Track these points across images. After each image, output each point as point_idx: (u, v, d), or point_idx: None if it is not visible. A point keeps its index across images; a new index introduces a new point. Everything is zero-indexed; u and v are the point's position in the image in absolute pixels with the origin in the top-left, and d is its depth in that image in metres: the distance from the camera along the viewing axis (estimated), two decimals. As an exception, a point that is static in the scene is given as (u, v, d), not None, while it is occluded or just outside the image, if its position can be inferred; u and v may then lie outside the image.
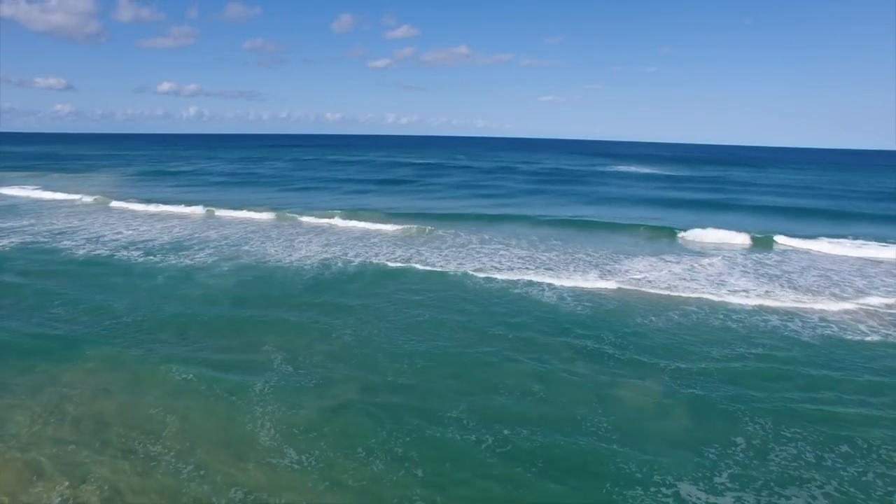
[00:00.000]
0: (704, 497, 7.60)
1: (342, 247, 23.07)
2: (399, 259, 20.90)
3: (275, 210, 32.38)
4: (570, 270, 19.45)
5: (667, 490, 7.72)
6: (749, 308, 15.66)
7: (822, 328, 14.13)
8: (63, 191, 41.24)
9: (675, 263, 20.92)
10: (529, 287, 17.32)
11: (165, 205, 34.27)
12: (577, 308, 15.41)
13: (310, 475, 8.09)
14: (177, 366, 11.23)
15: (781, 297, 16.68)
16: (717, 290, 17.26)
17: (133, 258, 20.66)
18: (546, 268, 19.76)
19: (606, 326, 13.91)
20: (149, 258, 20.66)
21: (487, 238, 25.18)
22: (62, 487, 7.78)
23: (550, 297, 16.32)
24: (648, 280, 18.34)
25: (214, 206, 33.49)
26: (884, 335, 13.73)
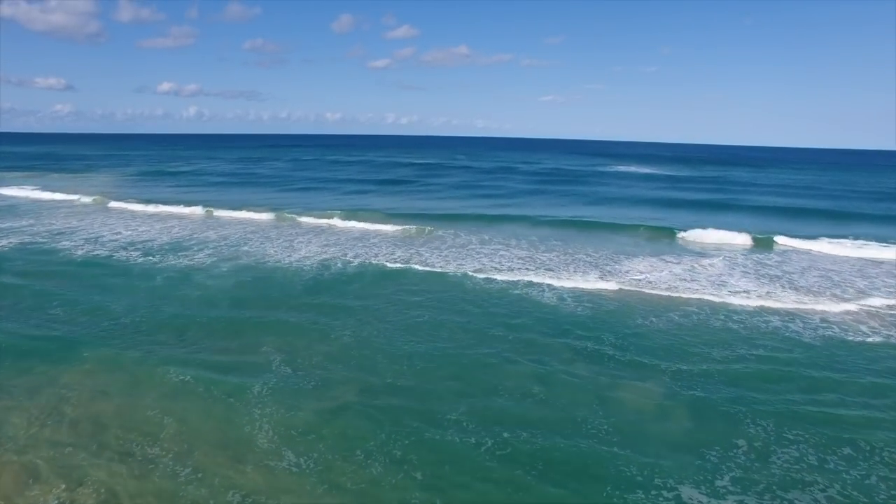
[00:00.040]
0: (706, 500, 7.54)
1: (341, 247, 23.02)
2: (399, 260, 20.85)
3: (274, 210, 32.34)
4: (571, 271, 19.40)
5: (668, 493, 7.66)
6: (750, 309, 15.61)
7: (824, 329, 14.07)
8: (62, 191, 41.21)
9: (676, 264, 20.87)
10: (529, 288, 17.26)
11: (165, 205, 34.22)
12: (578, 309, 15.36)
13: (308, 478, 8.05)
14: (175, 367, 11.18)
15: (782, 298, 16.62)
16: (718, 291, 17.21)
17: (132, 259, 20.61)
18: (546, 268, 19.71)
19: (607, 327, 13.85)
20: (147, 259, 20.61)
21: (487, 238, 25.13)
22: (59, 490, 7.73)
23: (550, 298, 16.26)
24: (649, 281, 18.29)
25: (214, 207, 33.46)
26: (885, 336, 13.67)
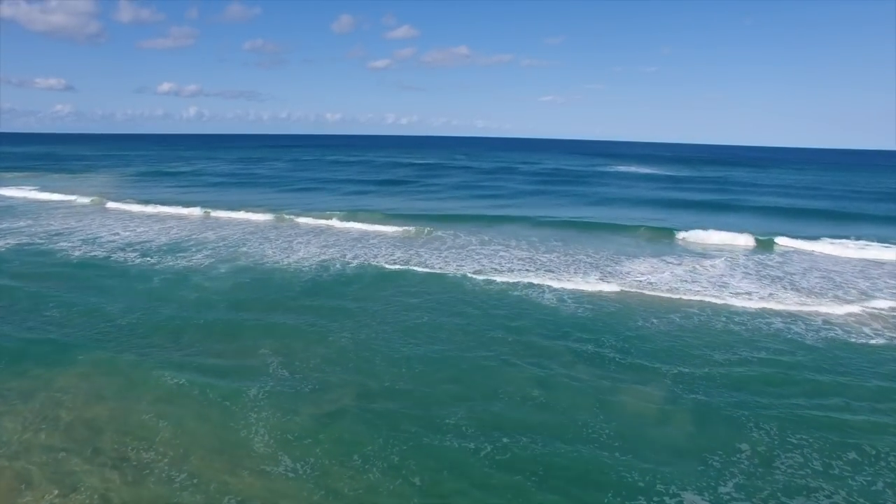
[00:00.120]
0: (709, 507, 7.42)
1: (340, 248, 22.89)
2: (398, 261, 20.73)
3: (273, 211, 32.21)
4: (571, 272, 19.27)
5: (670, 500, 7.53)
6: (752, 311, 15.48)
7: (827, 331, 13.95)
8: (61, 191, 41.09)
9: (677, 265, 20.74)
10: (529, 289, 17.14)
11: (164, 206, 34.10)
12: (578, 311, 15.23)
13: (305, 483, 7.94)
14: (171, 370, 11.07)
15: (784, 300, 16.49)
16: (720, 293, 17.08)
17: (129, 260, 20.48)
18: (546, 269, 19.58)
19: (608, 330, 13.73)
20: (145, 260, 20.49)
21: (487, 239, 25.01)
22: (52, 497, 7.61)
23: (551, 300, 16.13)
24: (650, 282, 18.16)
25: (213, 207, 33.36)
26: (889, 338, 13.54)
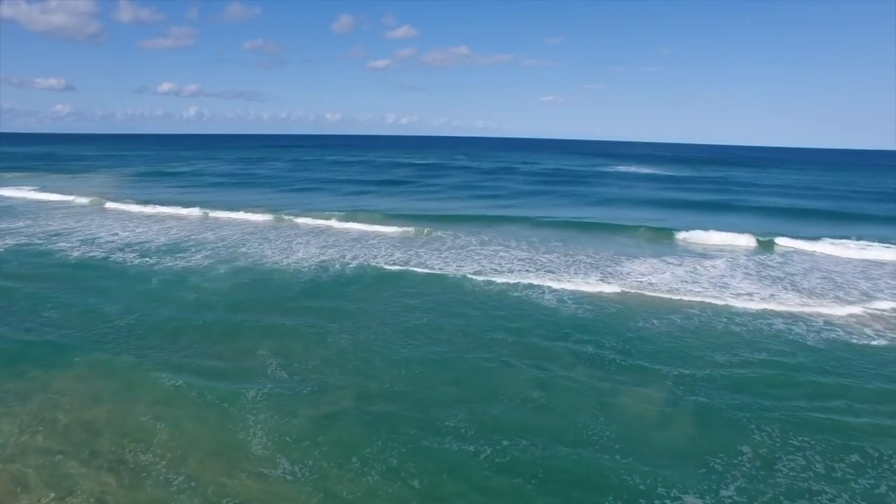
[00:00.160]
0: (710, 510, 7.36)
1: (340, 249, 22.83)
2: (397, 262, 20.66)
3: (273, 211, 32.15)
4: (571, 273, 19.21)
5: (671, 503, 7.47)
6: (753, 311, 15.42)
7: (828, 332, 13.88)
8: (61, 192, 41.03)
9: (678, 266, 20.68)
10: (529, 290, 17.07)
11: (163, 206, 34.04)
12: (578, 312, 15.17)
13: (303, 486, 7.88)
14: (169, 372, 11.00)
15: (785, 301, 16.43)
16: (721, 294, 17.02)
17: (128, 260, 20.42)
18: (546, 270, 19.52)
19: (608, 331, 13.66)
20: (144, 260, 20.43)
21: (487, 239, 24.95)
22: (48, 500, 7.56)
23: (551, 301, 16.07)
24: (650, 283, 18.09)
25: (212, 208, 33.29)
26: (891, 339, 13.47)
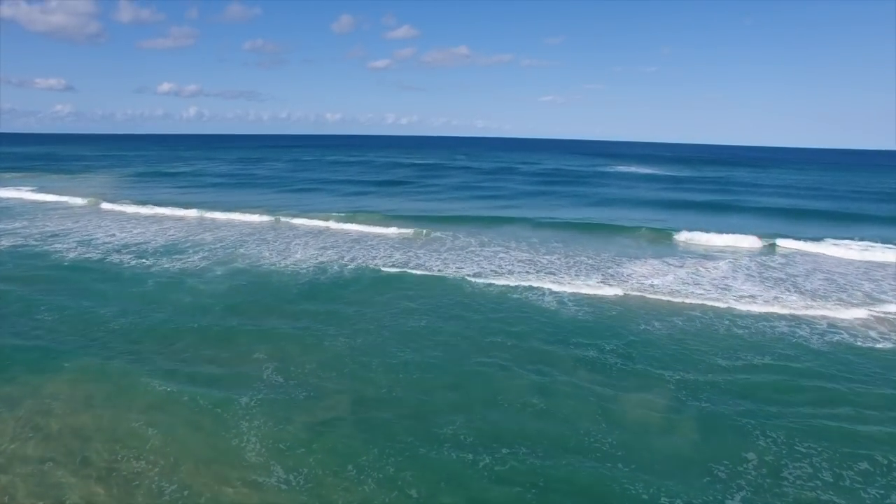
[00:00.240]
0: (715, 521, 7.16)
1: (338, 250, 22.63)
2: (396, 263, 20.46)
3: (272, 212, 31.95)
4: (572, 275, 19.01)
5: (675, 513, 7.28)
6: (756, 314, 15.22)
7: (832, 335, 13.68)
8: (59, 192, 40.83)
9: (679, 267, 20.48)
10: (529, 292, 16.87)
11: (161, 207, 33.83)
12: (579, 314, 14.97)
13: (298, 495, 7.70)
14: (162, 377, 10.81)
15: (788, 303, 16.23)
16: (723, 296, 16.82)
17: (124, 262, 20.22)
18: (547, 272, 19.32)
19: (609, 334, 13.46)
20: (140, 262, 20.22)
21: (487, 241, 24.75)
22: (35, 510, 7.36)
23: (551, 303, 15.87)
24: (652, 285, 17.89)
25: (211, 208, 33.10)
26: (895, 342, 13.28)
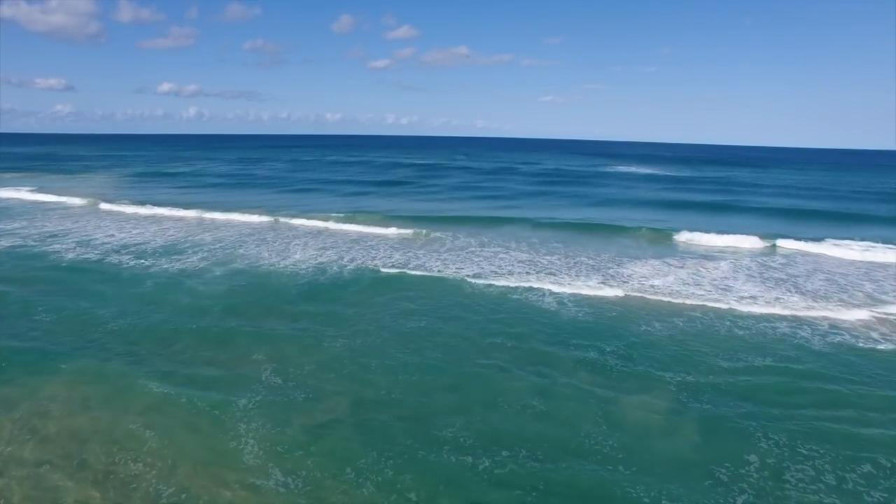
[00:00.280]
0: (717, 525, 7.09)
1: (338, 251, 22.56)
2: (396, 264, 20.39)
3: (271, 212, 31.88)
4: (572, 275, 18.94)
5: (676, 517, 7.22)
6: (757, 315, 15.15)
7: (834, 336, 13.62)
8: (58, 192, 40.76)
9: (679, 268, 20.41)
10: (529, 293, 16.80)
11: (161, 207, 33.76)
12: (579, 315, 14.90)
13: (296, 498, 7.64)
14: (160, 379, 10.75)
15: (790, 304, 16.16)
16: (724, 296, 16.75)
17: (123, 263, 20.15)
18: (547, 272, 19.25)
19: (610, 335, 13.39)
20: (139, 262, 20.16)
21: (487, 241, 24.68)
22: (31, 514, 7.30)
23: (551, 304, 15.80)
24: (652, 285, 17.83)
25: (211, 209, 33.02)
26: (898, 344, 13.20)
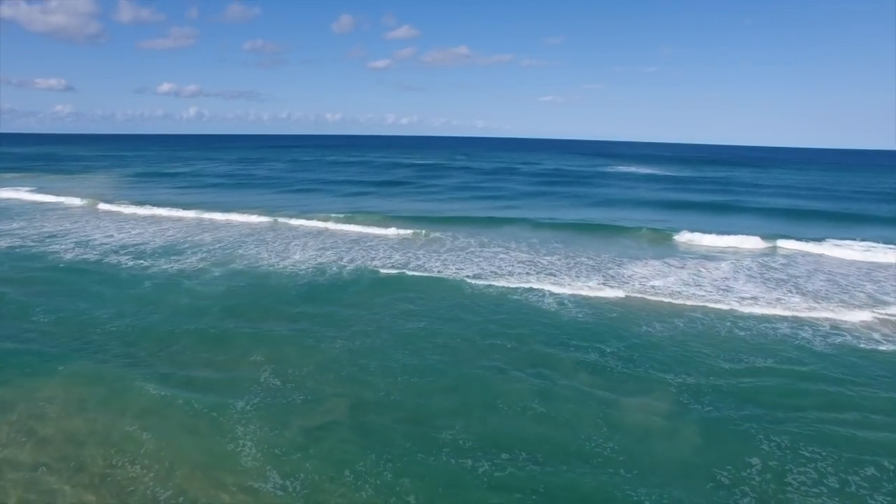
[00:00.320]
0: (719, 529, 7.03)
1: (338, 251, 22.50)
2: (395, 265, 20.33)
3: (271, 213, 31.82)
4: (572, 276, 18.88)
5: (678, 521, 7.15)
6: (758, 315, 15.09)
7: (836, 337, 13.56)
8: (58, 193, 40.70)
9: (680, 268, 20.34)
10: (530, 294, 16.74)
11: (160, 207, 33.71)
12: (580, 316, 14.84)
13: (294, 501, 7.59)
14: (158, 380, 10.68)
15: (791, 305, 16.09)
16: (725, 297, 16.69)
17: (122, 263, 20.09)
18: (547, 273, 19.19)
19: (610, 337, 13.33)
20: (138, 263, 20.09)
21: (487, 241, 24.62)
22: (26, 518, 7.24)
23: (551, 305, 15.74)
24: (653, 286, 17.76)
25: (210, 209, 32.96)
26: (900, 345, 13.13)
